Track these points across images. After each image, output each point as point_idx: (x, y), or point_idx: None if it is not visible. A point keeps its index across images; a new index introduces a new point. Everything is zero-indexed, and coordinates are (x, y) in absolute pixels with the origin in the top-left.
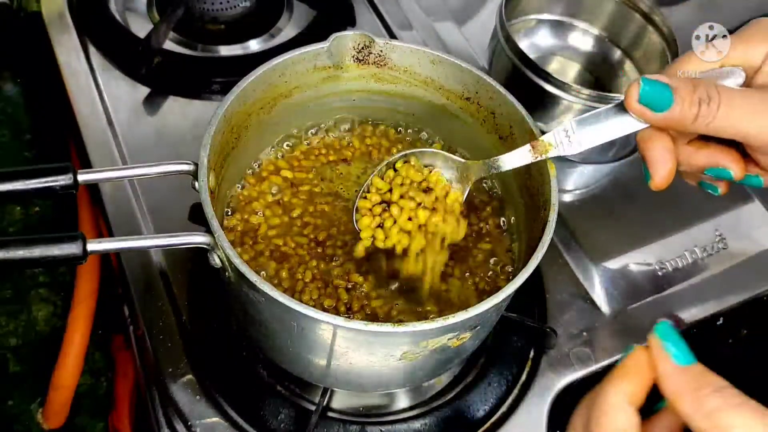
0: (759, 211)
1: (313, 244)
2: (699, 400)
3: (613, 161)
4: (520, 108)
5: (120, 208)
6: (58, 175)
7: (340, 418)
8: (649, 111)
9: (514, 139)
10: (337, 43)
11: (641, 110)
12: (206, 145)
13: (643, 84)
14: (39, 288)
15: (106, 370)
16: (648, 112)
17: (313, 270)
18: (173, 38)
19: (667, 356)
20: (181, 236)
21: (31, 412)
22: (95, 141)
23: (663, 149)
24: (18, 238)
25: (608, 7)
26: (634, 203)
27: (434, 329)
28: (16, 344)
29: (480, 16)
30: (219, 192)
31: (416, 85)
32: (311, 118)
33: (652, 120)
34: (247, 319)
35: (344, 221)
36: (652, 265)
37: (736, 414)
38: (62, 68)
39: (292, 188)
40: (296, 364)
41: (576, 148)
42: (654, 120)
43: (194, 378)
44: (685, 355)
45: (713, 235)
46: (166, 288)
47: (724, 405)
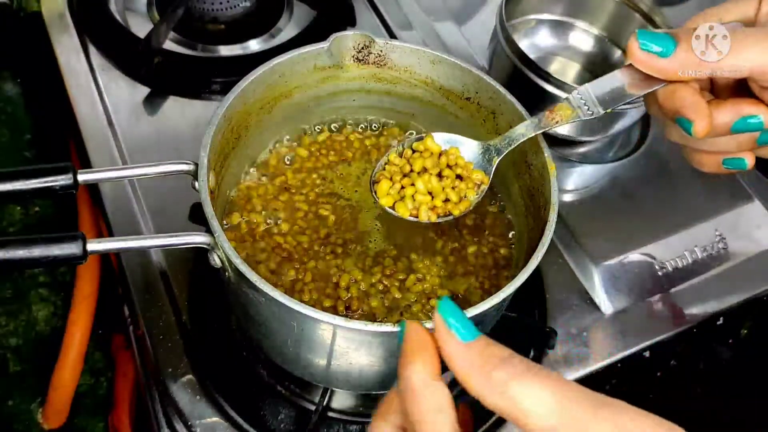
0: (759, 211)
1: (313, 244)
2: (486, 376)
3: (613, 161)
4: (520, 108)
5: (120, 208)
6: (58, 175)
7: (340, 418)
8: (655, 58)
9: None
10: (337, 43)
11: (647, 59)
12: (206, 145)
13: (640, 33)
14: (39, 288)
15: (106, 370)
16: (654, 59)
17: (312, 270)
18: (173, 38)
19: (451, 335)
20: (181, 236)
21: (31, 412)
22: (95, 141)
23: (693, 93)
24: (18, 238)
25: (608, 7)
26: (634, 203)
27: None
28: (16, 344)
29: (480, 16)
30: (219, 192)
31: (416, 85)
32: (311, 118)
33: (660, 68)
34: (247, 319)
35: (344, 221)
36: (652, 265)
37: (523, 383)
38: (62, 68)
39: (292, 188)
40: (296, 364)
41: (595, 111)
42: (662, 67)
43: (194, 378)
44: (469, 331)
45: (713, 235)
46: (166, 288)
47: (510, 376)
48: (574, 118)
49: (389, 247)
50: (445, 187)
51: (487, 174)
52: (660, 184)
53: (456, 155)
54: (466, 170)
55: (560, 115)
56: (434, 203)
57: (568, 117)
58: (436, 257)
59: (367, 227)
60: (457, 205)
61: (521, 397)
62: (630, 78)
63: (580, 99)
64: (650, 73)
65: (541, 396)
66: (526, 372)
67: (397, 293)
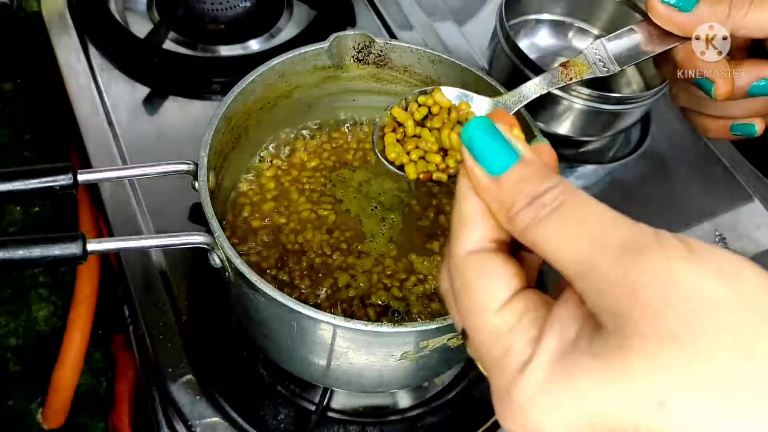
0: (759, 211)
1: (313, 244)
2: (511, 221)
3: (613, 161)
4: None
5: (120, 208)
6: (58, 175)
7: (340, 418)
8: (676, 12)
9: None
10: (337, 43)
11: (667, 13)
12: (206, 145)
13: None
14: (39, 288)
15: (106, 370)
16: (675, 14)
17: (313, 270)
18: (173, 38)
19: (479, 168)
20: (181, 236)
21: (31, 412)
22: (95, 141)
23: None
24: (18, 238)
25: (608, 7)
26: (634, 203)
27: (434, 329)
28: (16, 344)
29: (480, 16)
30: (219, 192)
31: (416, 85)
32: (311, 119)
33: (681, 23)
34: (247, 319)
35: (344, 220)
36: None
37: (543, 228)
38: (62, 68)
39: (292, 188)
40: (296, 364)
41: (611, 69)
42: (683, 23)
43: (194, 378)
44: (499, 160)
45: (713, 235)
46: (166, 288)
47: (533, 221)
48: (588, 74)
49: (390, 247)
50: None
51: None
52: (660, 184)
53: (467, 110)
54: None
55: (575, 71)
56: (447, 162)
57: (582, 73)
58: (436, 257)
59: (367, 228)
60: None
61: (544, 245)
62: (647, 34)
63: (596, 54)
64: (669, 29)
65: (566, 245)
66: (553, 214)
67: (397, 293)
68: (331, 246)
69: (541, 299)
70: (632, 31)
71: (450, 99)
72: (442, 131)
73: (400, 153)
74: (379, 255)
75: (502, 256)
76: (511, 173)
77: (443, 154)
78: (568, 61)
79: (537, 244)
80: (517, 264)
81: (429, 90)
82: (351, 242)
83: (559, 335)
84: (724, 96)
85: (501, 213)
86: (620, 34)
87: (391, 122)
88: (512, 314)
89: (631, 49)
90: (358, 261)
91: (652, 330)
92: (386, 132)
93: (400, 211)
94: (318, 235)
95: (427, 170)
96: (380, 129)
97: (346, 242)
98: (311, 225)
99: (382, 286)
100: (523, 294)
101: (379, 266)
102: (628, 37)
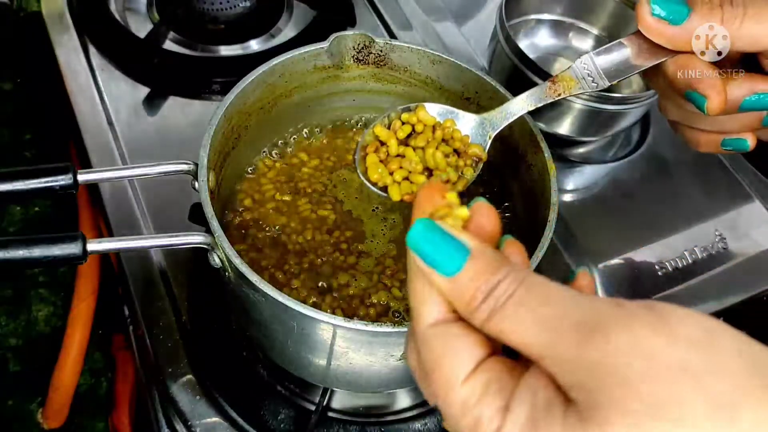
0: (759, 211)
1: (313, 244)
2: (472, 315)
3: (613, 161)
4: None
5: (120, 208)
6: (58, 175)
7: (340, 418)
8: (666, 25)
9: (515, 139)
10: (337, 43)
11: (658, 26)
12: (206, 145)
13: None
14: (39, 288)
15: (106, 370)
16: (665, 27)
17: (313, 269)
18: (173, 38)
19: (432, 271)
20: (181, 236)
21: (31, 412)
22: (95, 141)
23: (708, 66)
24: (18, 238)
25: (608, 7)
26: (634, 203)
27: None
28: (16, 344)
29: (480, 16)
30: (219, 192)
31: (416, 85)
32: (311, 118)
33: (671, 37)
34: (247, 319)
35: (345, 220)
36: (652, 265)
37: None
38: (62, 68)
39: (292, 188)
40: (296, 364)
41: (600, 84)
42: (674, 36)
43: (194, 378)
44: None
45: (713, 235)
46: (166, 288)
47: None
48: (577, 89)
49: (390, 247)
50: (449, 164)
51: (484, 148)
52: (660, 184)
53: (452, 128)
54: (463, 144)
55: (563, 86)
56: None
57: (571, 89)
58: None
59: (368, 228)
60: (455, 185)
61: (506, 334)
62: (636, 47)
63: (585, 69)
64: (660, 43)
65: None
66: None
67: (398, 293)
68: (332, 246)
69: (506, 367)
70: (621, 45)
71: (434, 116)
72: (427, 150)
73: (384, 174)
74: (380, 255)
75: (462, 326)
76: (465, 271)
77: (428, 173)
78: (556, 76)
79: (499, 334)
80: (477, 332)
81: (413, 107)
82: (351, 242)
83: (531, 403)
84: (717, 111)
85: (461, 307)
86: (609, 48)
87: (373, 141)
88: (478, 385)
89: (621, 64)
90: (359, 261)
91: (629, 403)
92: (369, 152)
93: (401, 211)
94: (318, 235)
95: (412, 191)
96: (362, 149)
97: (346, 242)
98: (311, 225)
99: (383, 286)
100: (488, 363)
101: (379, 266)
102: (618, 51)
